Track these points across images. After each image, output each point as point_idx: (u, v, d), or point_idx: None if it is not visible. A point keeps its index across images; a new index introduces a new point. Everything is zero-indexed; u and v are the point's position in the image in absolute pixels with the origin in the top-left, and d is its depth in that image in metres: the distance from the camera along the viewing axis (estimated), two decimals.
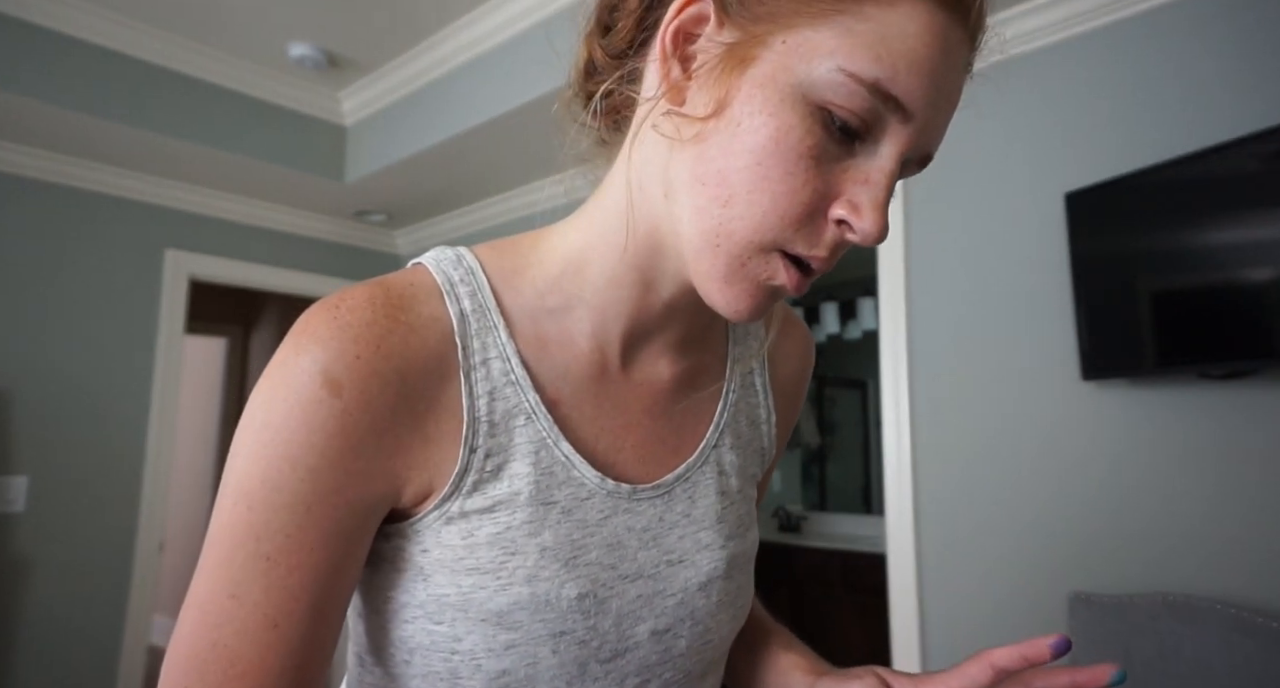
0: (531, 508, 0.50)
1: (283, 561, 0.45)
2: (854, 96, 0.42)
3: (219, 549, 0.45)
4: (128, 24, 2.55)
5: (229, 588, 0.45)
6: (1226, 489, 1.61)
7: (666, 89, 0.47)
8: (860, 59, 0.41)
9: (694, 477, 0.58)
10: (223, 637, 0.45)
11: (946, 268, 2.09)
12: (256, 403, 0.46)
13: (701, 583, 0.56)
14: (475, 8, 2.45)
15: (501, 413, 0.50)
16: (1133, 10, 1.83)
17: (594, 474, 0.53)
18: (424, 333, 0.48)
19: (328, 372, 0.45)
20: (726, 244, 0.45)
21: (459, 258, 0.53)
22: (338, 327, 0.46)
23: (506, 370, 0.51)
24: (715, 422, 0.60)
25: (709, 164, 0.45)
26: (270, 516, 0.45)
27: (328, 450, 0.45)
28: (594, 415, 0.54)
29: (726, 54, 0.44)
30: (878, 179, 0.44)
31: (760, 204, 0.44)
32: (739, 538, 0.59)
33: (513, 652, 0.49)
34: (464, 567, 0.49)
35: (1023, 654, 0.50)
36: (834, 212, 0.44)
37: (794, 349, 0.67)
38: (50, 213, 2.90)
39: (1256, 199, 1.52)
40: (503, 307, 0.52)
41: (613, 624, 0.52)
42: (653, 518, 0.55)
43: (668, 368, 0.57)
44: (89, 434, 2.93)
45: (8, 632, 2.71)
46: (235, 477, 0.45)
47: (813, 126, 0.43)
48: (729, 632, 0.59)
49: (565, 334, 0.53)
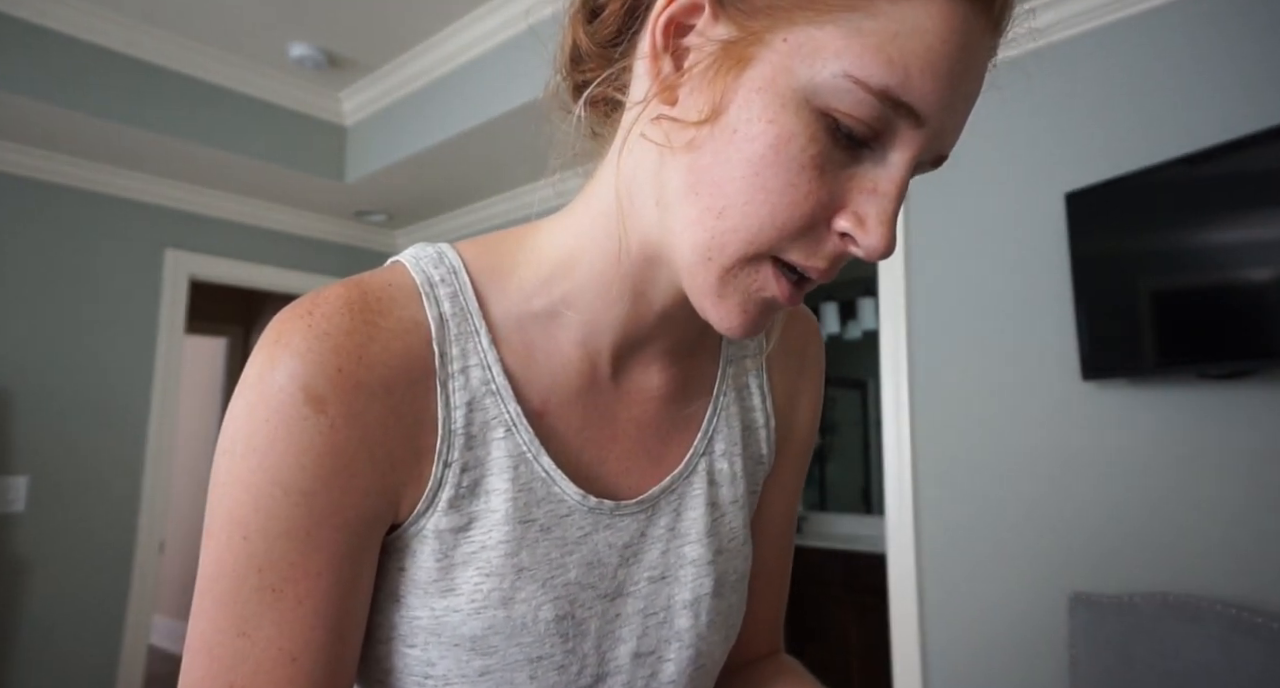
0: (509, 526, 0.47)
1: (289, 591, 0.42)
2: (861, 104, 0.38)
3: (219, 586, 0.42)
4: (127, 24, 2.55)
5: (237, 626, 0.42)
6: (1227, 489, 1.61)
7: (658, 89, 0.42)
8: (870, 63, 0.37)
9: (680, 488, 0.54)
10: (238, 679, 0.42)
11: (946, 268, 2.09)
12: (235, 425, 0.42)
13: (688, 601, 0.52)
14: (475, 8, 2.45)
15: (480, 425, 0.47)
16: (1132, 10, 1.83)
17: (575, 491, 0.49)
18: (406, 339, 0.45)
19: (309, 387, 0.41)
20: (719, 258, 0.42)
21: (440, 256, 0.49)
22: (314, 336, 0.42)
23: (487, 379, 0.47)
24: (704, 429, 0.56)
25: (703, 173, 0.41)
26: (269, 545, 0.41)
27: (320, 472, 0.42)
28: (580, 426, 0.51)
29: (722, 53, 0.40)
30: (887, 189, 0.40)
31: (757, 216, 0.40)
32: (730, 553, 0.55)
33: (488, 678, 0.46)
34: (437, 588, 0.46)
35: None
36: (838, 224, 0.41)
37: (792, 343, 0.62)
38: (50, 213, 2.91)
39: (1256, 199, 1.52)
40: (486, 310, 0.49)
41: (592, 646, 0.49)
42: (634, 533, 0.52)
43: (658, 376, 0.54)
44: (89, 434, 2.93)
45: (8, 632, 2.71)
46: (225, 507, 0.42)
47: (816, 134, 0.39)
48: (721, 655, 0.55)
49: (552, 341, 0.50)
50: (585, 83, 0.48)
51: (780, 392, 0.61)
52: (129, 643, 2.96)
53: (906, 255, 2.17)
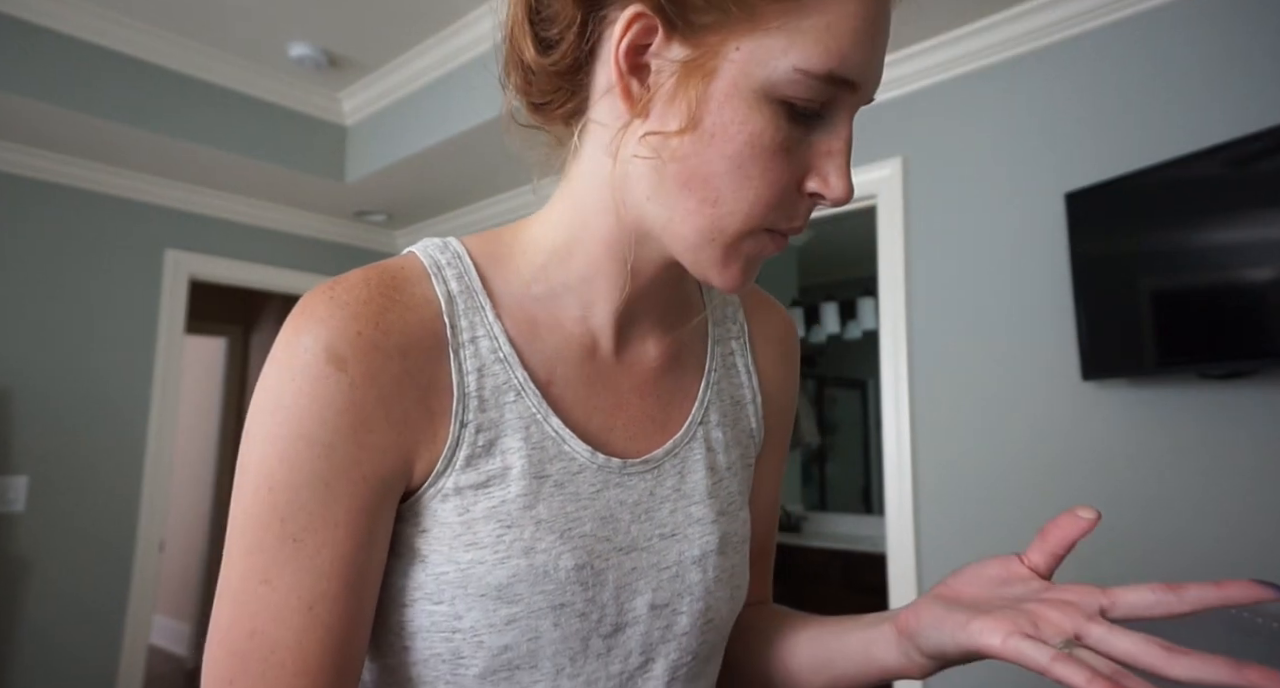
0: (525, 482, 0.51)
1: (309, 540, 0.46)
2: (811, 89, 0.45)
3: (246, 536, 0.46)
4: (128, 24, 2.55)
5: (260, 574, 0.45)
6: (1226, 489, 1.61)
7: (636, 108, 0.48)
8: (812, 55, 0.44)
9: (682, 452, 0.59)
10: (259, 625, 0.45)
11: (946, 268, 2.09)
12: (264, 387, 0.47)
13: (696, 557, 0.56)
14: (475, 8, 2.45)
15: (491, 389, 0.51)
16: (1132, 10, 1.83)
17: (584, 448, 0.54)
18: (419, 311, 0.50)
19: (331, 348, 0.46)
20: (721, 238, 0.48)
21: (445, 244, 0.55)
22: (336, 305, 0.47)
23: (494, 348, 0.52)
24: (700, 399, 0.61)
25: (693, 173, 0.47)
26: (292, 495, 0.45)
27: (340, 425, 0.46)
28: (585, 396, 0.55)
29: (684, 70, 0.46)
30: (839, 147, 0.47)
31: (746, 199, 0.47)
32: (730, 515, 0.60)
33: (514, 626, 0.49)
34: (461, 543, 0.49)
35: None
36: (808, 186, 0.48)
37: (773, 332, 0.69)
38: (50, 213, 2.91)
39: (1256, 199, 1.52)
40: (490, 290, 0.54)
41: (611, 596, 0.52)
42: (643, 492, 0.56)
43: (654, 347, 0.59)
44: (89, 434, 2.93)
45: (8, 632, 2.71)
46: (253, 461, 0.46)
47: (779, 122, 0.46)
48: (728, 613, 0.59)
49: (553, 319, 0.55)
50: (544, 103, 0.54)
51: (765, 373, 0.67)
52: (129, 643, 2.96)
53: (907, 255, 2.17)
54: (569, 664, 0.51)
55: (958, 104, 2.11)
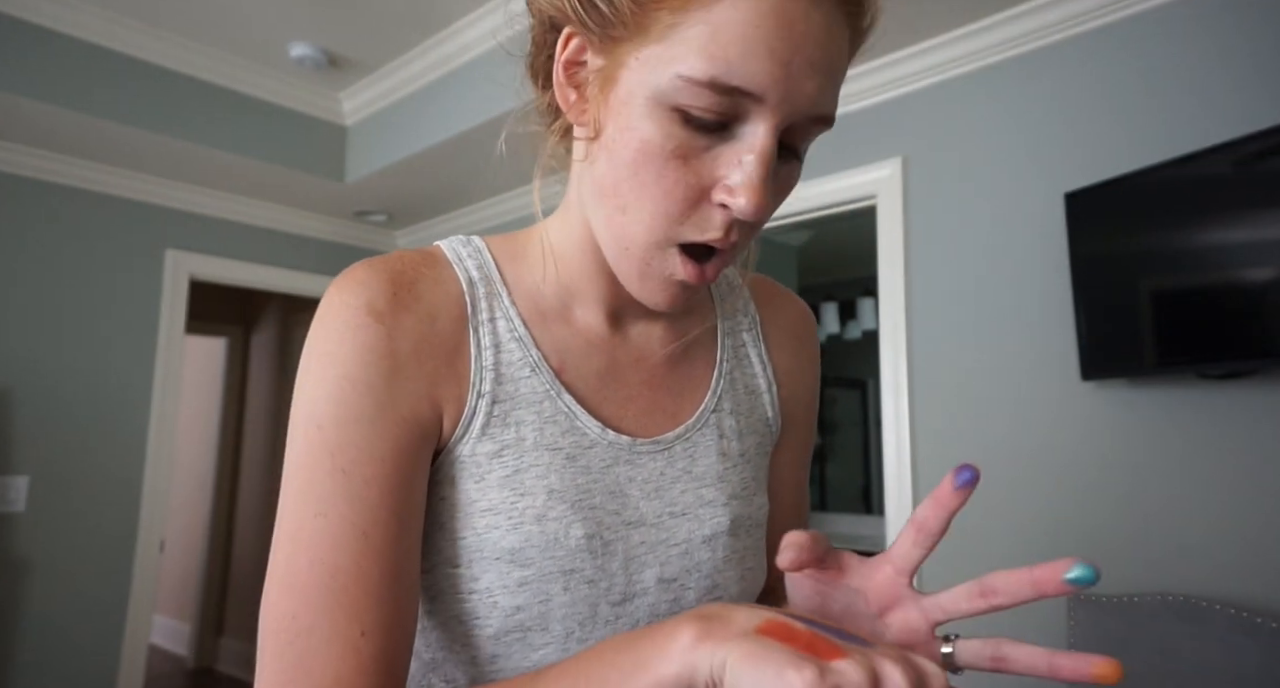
0: (537, 453, 0.54)
1: (358, 473, 0.48)
2: (699, 96, 0.45)
3: (300, 477, 0.49)
4: (128, 24, 2.55)
5: (315, 508, 0.48)
6: (1226, 489, 1.61)
7: (568, 115, 0.53)
8: (695, 62, 0.44)
9: (694, 437, 0.61)
10: (318, 554, 0.47)
11: (946, 268, 2.09)
12: (313, 340, 0.51)
13: (706, 537, 0.58)
14: (475, 8, 2.45)
15: (507, 364, 0.55)
16: (1132, 10, 1.83)
17: (595, 424, 0.56)
18: (446, 286, 0.55)
19: (371, 303, 0.51)
20: (632, 247, 0.51)
21: (468, 239, 0.60)
22: (374, 272, 0.53)
23: (511, 329, 0.56)
24: (712, 388, 0.64)
25: (603, 179, 0.50)
26: (339, 431, 0.49)
27: (380, 367, 0.50)
28: (596, 387, 0.58)
29: (596, 80, 0.50)
30: (748, 159, 0.46)
31: (646, 207, 0.48)
32: (743, 500, 0.61)
33: (526, 589, 0.52)
34: (478, 509, 0.52)
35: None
36: (715, 196, 0.48)
37: (787, 323, 0.70)
38: (50, 213, 2.91)
39: (1257, 199, 1.52)
40: (506, 281, 0.58)
41: (620, 567, 0.54)
42: (654, 472, 0.58)
43: (660, 343, 0.62)
44: (89, 434, 2.93)
45: (8, 632, 2.71)
46: (304, 403, 0.50)
47: (672, 130, 0.46)
48: (738, 593, 0.60)
49: (562, 317, 0.59)
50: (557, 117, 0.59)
51: (781, 365, 0.69)
52: (129, 643, 2.96)
53: (906, 255, 2.17)
54: (578, 629, 0.53)
55: (957, 104, 2.11)
